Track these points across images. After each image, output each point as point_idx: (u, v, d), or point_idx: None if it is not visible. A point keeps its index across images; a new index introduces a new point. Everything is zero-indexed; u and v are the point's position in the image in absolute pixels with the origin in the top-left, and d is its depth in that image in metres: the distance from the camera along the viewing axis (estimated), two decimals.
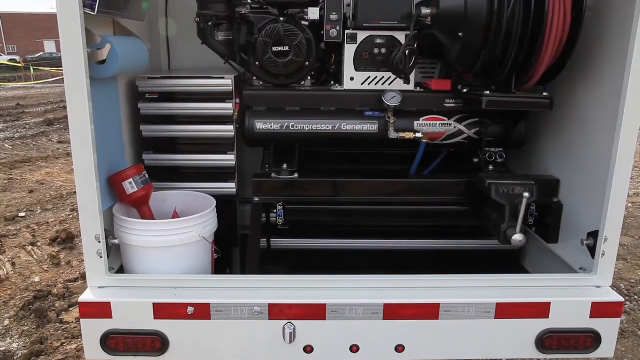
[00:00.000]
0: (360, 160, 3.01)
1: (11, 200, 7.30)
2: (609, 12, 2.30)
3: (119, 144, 2.64)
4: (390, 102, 2.54)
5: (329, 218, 2.91)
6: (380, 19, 2.52)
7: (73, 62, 2.04)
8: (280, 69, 2.59)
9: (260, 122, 2.66)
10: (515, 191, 2.40)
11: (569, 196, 2.63)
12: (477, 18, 2.28)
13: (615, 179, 2.21)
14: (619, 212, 2.27)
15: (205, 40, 2.70)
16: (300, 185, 2.68)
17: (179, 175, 2.84)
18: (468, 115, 2.69)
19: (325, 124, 2.66)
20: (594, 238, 2.35)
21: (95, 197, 2.18)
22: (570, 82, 2.55)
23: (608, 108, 2.26)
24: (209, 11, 2.63)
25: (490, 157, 2.73)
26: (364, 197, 2.74)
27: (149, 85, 2.74)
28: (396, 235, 3.01)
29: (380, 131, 2.65)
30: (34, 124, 13.65)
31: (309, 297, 2.26)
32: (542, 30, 2.22)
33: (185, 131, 2.79)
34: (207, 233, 2.49)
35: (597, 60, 2.39)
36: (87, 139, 2.11)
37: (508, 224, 2.38)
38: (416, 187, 2.73)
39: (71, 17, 2.00)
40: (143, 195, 2.50)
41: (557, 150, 2.75)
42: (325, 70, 2.84)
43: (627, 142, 2.18)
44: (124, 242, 2.41)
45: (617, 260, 4.51)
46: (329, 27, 2.53)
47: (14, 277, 4.97)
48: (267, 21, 2.57)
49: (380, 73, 2.63)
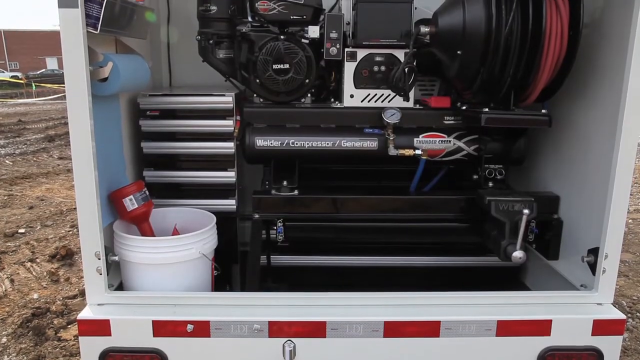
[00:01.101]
0: (360, 177, 3.02)
1: (11, 216, 7.29)
2: (606, 30, 2.33)
3: (119, 161, 2.65)
4: (390, 119, 2.56)
5: (329, 235, 2.90)
6: (379, 37, 2.54)
7: (75, 79, 2.06)
8: (280, 86, 2.61)
9: (261, 139, 2.67)
10: (515, 208, 2.41)
11: (569, 213, 2.64)
12: (475, 36, 2.30)
13: (615, 195, 2.21)
14: (619, 229, 2.27)
15: (206, 58, 2.73)
16: (300, 202, 2.68)
17: (179, 192, 2.85)
18: (467, 132, 2.71)
19: (325, 140, 2.67)
20: (594, 255, 2.34)
21: (95, 214, 2.18)
22: (568, 99, 2.57)
23: (607, 124, 2.28)
24: (210, 29, 2.66)
25: (489, 173, 2.74)
26: (364, 214, 2.74)
27: (150, 103, 2.75)
28: (396, 252, 3.00)
29: (380, 148, 2.66)
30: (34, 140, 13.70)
31: (309, 315, 2.25)
32: (540, 48, 2.24)
33: (186, 148, 2.80)
34: (207, 250, 2.49)
35: (594, 77, 2.41)
36: (88, 155, 2.12)
37: (508, 241, 2.38)
38: (416, 204, 2.73)
39: (74, 36, 2.02)
40: (143, 212, 2.50)
41: (556, 167, 2.75)
42: (325, 88, 2.86)
43: (626, 159, 2.19)
44: (124, 259, 2.40)
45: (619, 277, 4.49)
46: (329, 45, 2.56)
47: (13, 294, 4.94)
48: (268, 39, 2.60)
49: (380, 90, 2.65)
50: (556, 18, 2.22)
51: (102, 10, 2.11)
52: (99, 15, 2.11)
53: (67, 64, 2.05)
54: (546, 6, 2.21)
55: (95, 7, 2.11)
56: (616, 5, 2.25)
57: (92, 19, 2.12)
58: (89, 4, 2.10)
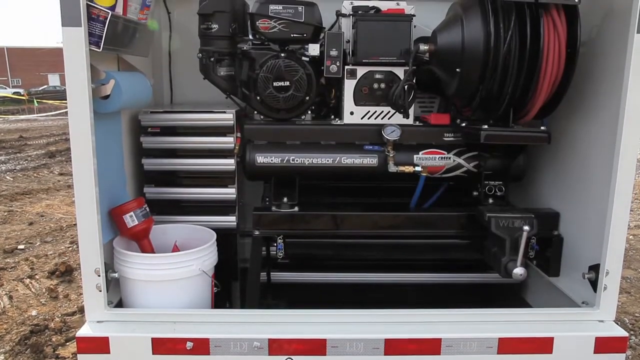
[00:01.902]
0: (360, 193, 3.02)
1: (10, 232, 7.27)
2: (603, 47, 2.35)
3: (120, 177, 2.65)
4: (390, 136, 2.57)
5: (329, 252, 2.90)
6: (379, 54, 2.57)
7: (77, 97, 2.08)
8: (281, 103, 2.63)
9: (261, 155, 2.69)
10: (515, 224, 2.41)
11: (569, 229, 2.64)
12: (474, 54, 2.33)
13: (615, 211, 2.22)
14: (619, 245, 2.27)
15: (208, 75, 2.75)
16: (300, 218, 2.68)
17: (180, 209, 2.85)
18: (467, 148, 2.72)
19: (325, 157, 2.68)
20: (595, 271, 2.34)
21: (95, 231, 2.18)
22: (567, 115, 2.58)
23: (605, 141, 2.29)
24: (212, 47, 2.68)
25: (489, 190, 2.75)
26: (364, 231, 2.74)
27: (151, 120, 2.77)
28: (397, 268, 3.00)
29: (380, 165, 2.67)
30: (35, 155, 13.72)
31: (309, 332, 2.24)
32: (538, 66, 2.26)
33: (187, 165, 2.81)
34: (207, 267, 2.48)
35: (593, 93, 2.43)
36: (89, 172, 2.13)
37: (509, 257, 2.38)
38: (416, 221, 2.73)
39: (77, 54, 2.05)
40: (143, 228, 2.50)
41: (556, 183, 2.76)
42: (326, 105, 2.88)
43: (626, 175, 2.19)
44: (124, 276, 2.39)
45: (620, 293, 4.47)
46: (329, 63, 2.58)
47: (11, 311, 4.91)
48: (268, 57, 2.63)
49: (380, 107, 2.67)
50: (554, 36, 2.24)
51: (104, 28, 2.14)
52: (101, 34, 2.14)
53: (70, 81, 2.07)
54: (544, 24, 2.23)
55: (98, 25, 2.14)
56: (613, 24, 2.28)
57: (94, 37, 2.15)
58: (92, 22, 2.13)
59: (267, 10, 2.59)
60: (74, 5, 2.01)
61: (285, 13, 2.59)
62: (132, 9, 2.45)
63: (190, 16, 2.92)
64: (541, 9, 2.24)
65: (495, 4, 2.28)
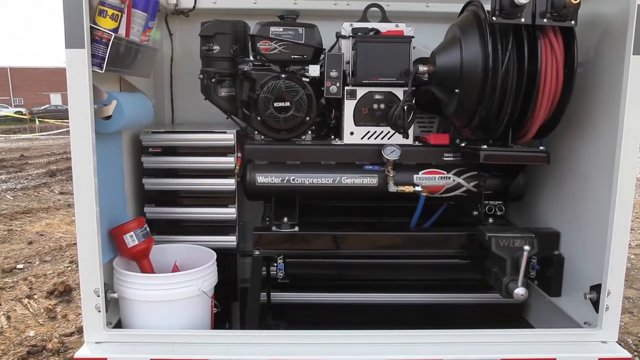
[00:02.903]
0: (360, 213, 3.02)
1: (10, 251, 7.25)
2: (600, 68, 2.38)
3: (121, 197, 2.66)
4: (390, 156, 2.58)
5: (329, 271, 2.89)
6: (378, 75, 2.59)
7: (80, 117, 2.09)
8: (281, 123, 2.65)
9: (262, 175, 2.69)
10: (515, 244, 2.40)
11: (570, 249, 2.63)
12: (472, 75, 2.35)
13: (615, 231, 2.22)
14: (620, 265, 2.26)
15: (209, 96, 2.77)
16: (300, 238, 2.67)
17: (180, 228, 2.85)
18: (467, 168, 2.73)
19: (325, 177, 2.69)
20: (596, 292, 2.33)
21: (95, 250, 2.18)
22: (566, 135, 2.60)
23: (604, 160, 2.30)
24: (213, 68, 2.71)
25: (489, 209, 2.75)
26: (364, 251, 2.73)
27: (153, 140, 2.78)
28: (397, 288, 2.98)
29: (380, 184, 2.67)
30: (36, 174, 13.74)
31: (309, 353, 2.22)
32: (536, 87, 2.28)
33: (187, 184, 2.81)
34: (207, 287, 2.47)
35: (591, 113, 2.45)
36: (90, 192, 2.14)
37: (509, 277, 2.37)
38: (416, 240, 2.73)
39: (80, 75, 2.07)
40: (144, 248, 2.50)
41: (556, 203, 2.76)
42: (326, 125, 2.90)
43: (625, 194, 2.20)
44: (123, 296, 2.38)
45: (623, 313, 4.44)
46: (329, 84, 2.61)
47: (9, 331, 4.87)
48: (269, 78, 2.65)
49: (380, 128, 2.69)
50: (551, 57, 2.27)
51: (107, 50, 2.16)
52: (104, 56, 2.17)
53: (72, 102, 2.09)
54: (541, 46, 2.26)
55: (101, 47, 2.16)
56: (609, 45, 2.31)
57: (97, 58, 2.17)
58: (95, 44, 2.15)
59: (268, 32, 2.63)
60: (78, 27, 2.04)
61: (286, 35, 2.63)
62: (135, 31, 2.48)
63: (192, 38, 2.97)
64: (538, 30, 2.27)
65: (492, 26, 2.31)
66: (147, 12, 2.52)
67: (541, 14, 2.24)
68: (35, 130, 26.40)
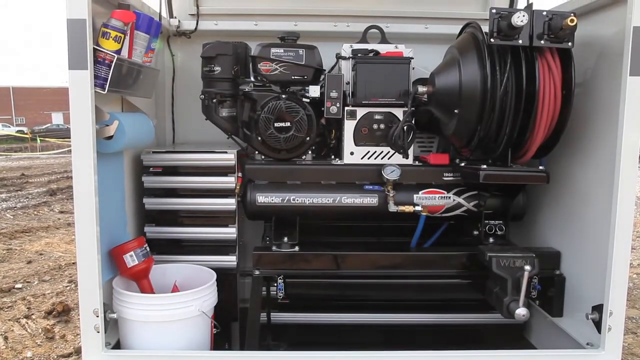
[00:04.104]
0: (360, 233, 3.02)
1: (8, 271, 7.21)
2: (598, 88, 2.40)
3: (121, 217, 2.66)
4: (390, 176, 2.59)
5: (330, 292, 2.87)
6: (378, 96, 2.62)
7: (82, 137, 2.10)
8: (281, 144, 2.67)
9: (262, 195, 2.70)
10: (516, 264, 2.40)
11: (571, 268, 2.62)
12: (471, 96, 2.37)
13: (616, 250, 2.21)
14: (622, 285, 2.24)
15: (210, 116, 2.79)
16: (300, 258, 2.67)
17: (180, 248, 2.84)
18: (467, 188, 2.73)
19: (325, 197, 2.69)
20: (599, 312, 2.31)
21: (95, 271, 2.17)
22: (566, 155, 2.61)
23: (604, 179, 2.30)
24: (214, 89, 2.73)
25: (490, 229, 2.75)
26: (365, 270, 2.73)
27: (154, 159, 2.79)
28: (398, 309, 2.96)
29: (380, 204, 2.68)
30: (36, 193, 13.74)
31: None
32: (535, 107, 2.30)
33: (188, 204, 2.81)
34: (207, 307, 2.46)
35: (590, 133, 2.46)
36: (91, 212, 2.14)
37: (511, 298, 2.36)
38: (417, 260, 2.72)
39: (82, 96, 2.08)
40: (143, 268, 2.49)
41: (556, 222, 2.76)
42: (326, 145, 2.91)
43: (625, 213, 2.20)
44: (122, 316, 2.37)
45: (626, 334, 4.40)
46: (329, 104, 2.63)
47: (5, 352, 4.82)
48: (270, 98, 2.68)
49: (380, 148, 2.70)
50: (549, 78, 2.29)
51: (110, 71, 2.18)
52: (107, 77, 2.19)
53: (74, 122, 2.10)
54: (539, 67, 2.29)
55: (103, 68, 2.19)
56: (606, 66, 2.34)
57: (100, 79, 2.19)
58: (98, 65, 2.18)
59: (269, 54, 2.66)
60: (82, 49, 2.06)
61: (287, 56, 2.66)
62: (137, 52, 2.51)
63: (194, 59, 3.00)
64: (536, 52, 2.30)
65: (491, 48, 2.34)
66: (149, 34, 2.55)
67: (538, 36, 2.27)
68: (37, 149, 26.48)
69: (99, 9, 2.24)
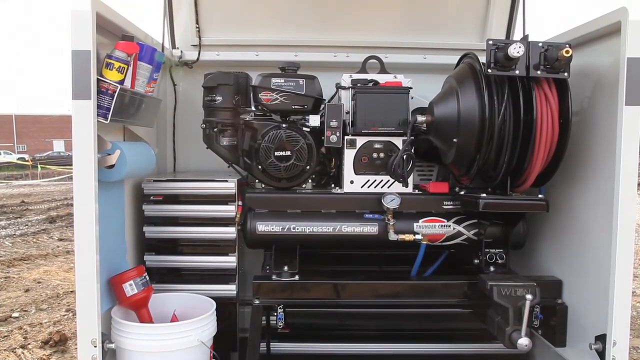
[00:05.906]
0: (361, 261, 3.00)
1: (5, 299, 7.14)
2: (595, 118, 2.42)
3: (121, 245, 2.65)
4: (390, 205, 2.59)
5: (330, 321, 2.85)
6: (378, 125, 2.64)
7: (83, 166, 2.11)
8: (282, 172, 2.68)
9: (262, 224, 2.70)
10: (517, 293, 2.38)
11: (573, 297, 2.60)
12: (470, 125, 2.40)
13: (617, 279, 2.19)
14: (625, 314, 2.22)
15: (211, 145, 2.81)
16: (301, 287, 2.65)
17: (180, 277, 2.83)
18: (466, 216, 2.73)
19: (325, 226, 2.69)
20: (602, 342, 2.29)
21: (94, 300, 2.15)
22: (565, 183, 2.62)
23: (603, 207, 2.31)
24: (215, 118, 2.76)
25: (490, 258, 2.74)
26: (365, 299, 2.71)
27: (154, 188, 2.81)
28: (399, 338, 2.93)
29: (380, 233, 2.68)
30: (36, 221, 13.70)
31: None
32: (533, 136, 2.32)
33: (188, 233, 2.81)
34: (206, 337, 2.43)
35: (588, 161, 2.47)
36: (91, 241, 2.14)
37: (512, 327, 2.33)
38: (417, 289, 2.70)
39: (85, 125, 2.10)
40: (143, 297, 2.47)
41: (557, 251, 2.75)
42: (326, 174, 2.92)
43: (626, 241, 2.19)
44: (121, 347, 2.34)
45: None
46: (329, 133, 2.65)
47: None
48: (270, 127, 2.70)
49: (379, 176, 2.71)
50: (546, 108, 2.32)
51: (113, 101, 2.21)
52: (109, 107, 2.22)
53: (77, 151, 2.12)
54: (536, 96, 2.32)
55: (106, 98, 2.22)
56: (602, 95, 2.37)
57: (103, 109, 2.22)
58: (101, 95, 2.21)
59: (270, 83, 2.69)
60: (85, 79, 2.09)
61: (287, 86, 2.69)
62: (140, 82, 2.55)
63: (195, 88, 3.04)
64: (533, 81, 2.34)
65: (488, 78, 2.38)
66: (152, 65, 2.59)
67: (535, 66, 2.31)
68: (37, 177, 26.52)
69: (103, 40, 2.28)
